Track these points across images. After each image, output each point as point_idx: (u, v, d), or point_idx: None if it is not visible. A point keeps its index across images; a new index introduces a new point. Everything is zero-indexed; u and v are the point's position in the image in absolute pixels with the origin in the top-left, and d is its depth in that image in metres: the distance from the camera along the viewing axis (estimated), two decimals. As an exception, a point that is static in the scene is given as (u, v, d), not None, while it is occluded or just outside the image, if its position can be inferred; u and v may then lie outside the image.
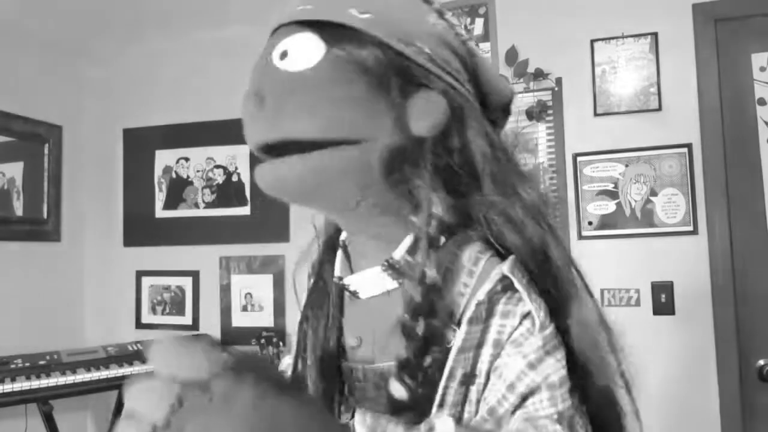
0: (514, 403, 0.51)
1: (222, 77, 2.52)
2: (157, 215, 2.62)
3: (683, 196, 1.96)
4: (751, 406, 1.87)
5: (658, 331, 1.94)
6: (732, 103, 1.94)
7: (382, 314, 0.58)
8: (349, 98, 0.53)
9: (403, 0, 0.59)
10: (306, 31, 0.55)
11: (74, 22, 2.40)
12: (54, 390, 1.96)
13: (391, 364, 0.55)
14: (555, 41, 2.08)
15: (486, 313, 0.53)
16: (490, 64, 0.64)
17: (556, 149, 2.09)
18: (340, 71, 0.53)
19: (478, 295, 0.53)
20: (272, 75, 0.55)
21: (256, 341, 2.23)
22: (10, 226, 2.38)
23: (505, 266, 0.53)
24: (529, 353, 0.51)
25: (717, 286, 1.90)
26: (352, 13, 0.55)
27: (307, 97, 0.53)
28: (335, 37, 0.54)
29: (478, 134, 0.57)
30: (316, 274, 0.68)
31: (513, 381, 0.51)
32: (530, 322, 0.52)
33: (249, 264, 2.48)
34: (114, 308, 2.66)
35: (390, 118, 0.54)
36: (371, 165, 0.54)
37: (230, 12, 2.37)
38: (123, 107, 2.69)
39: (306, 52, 0.54)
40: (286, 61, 0.54)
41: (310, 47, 0.54)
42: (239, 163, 2.52)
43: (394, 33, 0.55)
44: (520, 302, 0.53)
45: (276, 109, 0.54)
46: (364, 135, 0.53)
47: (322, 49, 0.54)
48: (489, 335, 0.52)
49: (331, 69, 0.53)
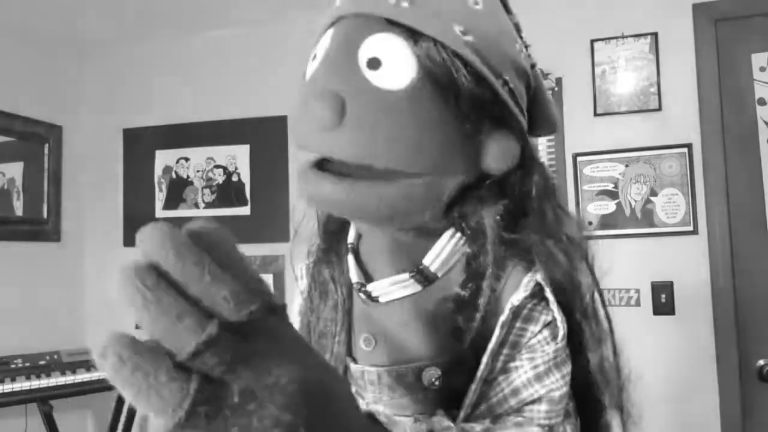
0: (514, 407, 0.52)
1: (222, 77, 2.52)
2: (157, 215, 2.62)
3: (683, 196, 1.95)
4: (751, 406, 1.87)
5: (658, 331, 1.94)
6: (732, 103, 1.94)
7: (400, 317, 0.58)
8: (437, 131, 0.51)
9: (501, 22, 0.55)
10: (396, 34, 0.50)
11: (74, 22, 2.40)
12: (54, 390, 1.96)
13: (410, 365, 0.56)
14: (555, 41, 2.08)
15: (513, 315, 0.54)
16: (548, 94, 0.63)
17: (556, 149, 2.09)
18: (431, 99, 0.50)
19: (513, 301, 0.53)
20: (359, 85, 0.49)
21: (256, 341, 2.23)
22: (10, 226, 2.38)
23: (538, 275, 0.54)
24: (539, 364, 0.53)
25: (717, 286, 1.89)
26: (456, 31, 0.50)
27: (397, 125, 0.49)
28: (428, 54, 0.49)
29: (539, 176, 0.58)
30: (311, 276, 0.67)
31: (518, 387, 0.52)
32: (549, 332, 0.54)
33: (249, 264, 2.48)
34: (114, 308, 2.65)
35: (468, 155, 0.53)
36: (441, 197, 0.54)
37: (230, 12, 2.37)
38: (123, 107, 2.69)
39: (399, 68, 0.49)
40: (378, 73, 0.49)
41: (404, 62, 0.50)
42: (239, 163, 2.52)
43: (487, 61, 0.51)
44: (544, 310, 0.54)
45: (361, 128, 0.49)
46: (442, 170, 0.52)
47: (414, 66, 0.50)
48: (509, 337, 0.54)
49: (422, 95, 0.50)
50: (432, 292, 0.57)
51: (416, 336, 0.56)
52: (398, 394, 0.57)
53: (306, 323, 0.66)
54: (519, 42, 0.57)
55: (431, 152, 0.51)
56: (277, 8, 2.28)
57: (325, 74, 0.51)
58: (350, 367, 0.62)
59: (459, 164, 0.53)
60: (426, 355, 0.56)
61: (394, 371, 0.57)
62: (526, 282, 0.54)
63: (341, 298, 0.63)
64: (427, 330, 0.56)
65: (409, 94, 0.49)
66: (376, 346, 0.59)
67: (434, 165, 0.51)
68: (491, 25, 0.53)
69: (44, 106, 2.53)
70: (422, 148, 0.50)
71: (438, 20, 0.49)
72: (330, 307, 0.63)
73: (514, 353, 0.54)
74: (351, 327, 0.63)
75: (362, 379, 0.60)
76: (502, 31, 0.54)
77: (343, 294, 0.63)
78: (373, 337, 0.60)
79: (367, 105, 0.49)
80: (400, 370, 0.57)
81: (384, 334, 0.59)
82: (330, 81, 0.50)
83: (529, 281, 0.54)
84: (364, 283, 0.59)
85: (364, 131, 0.49)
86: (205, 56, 2.57)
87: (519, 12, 0.61)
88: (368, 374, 0.59)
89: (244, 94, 2.46)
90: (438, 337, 0.56)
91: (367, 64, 0.50)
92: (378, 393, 0.59)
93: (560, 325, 0.53)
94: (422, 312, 0.57)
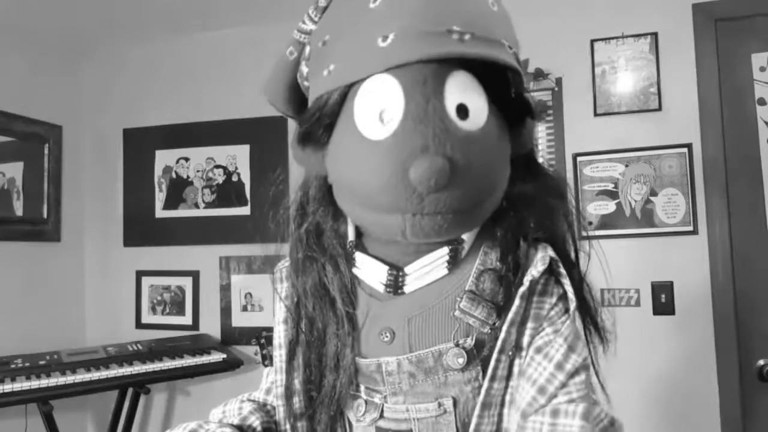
0: (563, 381, 0.55)
1: (222, 77, 2.52)
2: (157, 215, 2.62)
3: (683, 196, 1.96)
4: (751, 406, 1.87)
5: (658, 331, 1.94)
6: (732, 103, 1.94)
7: (423, 303, 0.60)
8: (504, 151, 0.55)
9: (507, 14, 0.56)
10: (468, 72, 0.50)
11: (74, 22, 2.40)
12: (54, 390, 1.96)
13: (432, 349, 0.58)
14: (555, 41, 2.08)
15: (528, 291, 0.57)
16: None
17: (556, 149, 2.09)
18: (497, 124, 0.54)
19: (533, 273, 0.57)
20: (458, 140, 0.49)
21: (255, 341, 2.23)
22: (10, 226, 2.38)
23: (550, 251, 0.59)
24: (567, 335, 0.57)
25: (717, 286, 1.90)
26: (508, 50, 0.52)
27: (486, 163, 0.51)
28: (487, 83, 0.52)
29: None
30: (299, 282, 0.66)
31: (561, 361, 0.56)
32: (562, 304, 0.59)
33: (249, 264, 2.48)
34: (114, 308, 2.66)
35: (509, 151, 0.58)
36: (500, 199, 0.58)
37: (230, 12, 2.37)
38: (123, 107, 2.69)
39: (481, 109, 0.51)
40: (467, 121, 0.49)
41: (482, 103, 0.51)
42: (239, 163, 2.52)
43: (519, 62, 0.54)
44: (556, 284, 0.59)
45: (467, 180, 0.49)
46: (505, 180, 0.56)
47: (485, 103, 0.52)
48: (530, 311, 0.58)
49: (492, 123, 0.53)
50: (454, 277, 0.60)
51: (440, 320, 0.59)
52: (420, 380, 0.59)
53: (295, 331, 0.66)
54: None
55: (503, 174, 0.55)
56: (277, 8, 2.28)
57: (420, 136, 0.48)
58: (360, 363, 0.62)
59: (509, 165, 0.57)
60: (448, 338, 0.58)
61: (414, 357, 0.59)
62: (541, 257, 0.58)
63: (340, 299, 0.63)
64: (450, 312, 0.59)
65: (486, 129, 0.51)
66: (395, 338, 0.60)
67: (503, 181, 0.56)
68: (509, 25, 0.55)
69: (44, 106, 2.53)
70: (499, 174, 0.55)
71: (497, 46, 0.50)
72: (326, 310, 0.63)
73: (538, 326, 0.58)
74: (355, 325, 0.63)
75: (378, 373, 0.61)
76: (512, 25, 0.56)
77: (342, 294, 0.63)
78: (390, 330, 0.61)
79: (468, 157, 0.49)
80: (420, 355, 0.59)
81: (404, 325, 0.60)
82: (428, 141, 0.48)
83: (544, 256, 0.58)
84: (399, 269, 0.60)
85: (468, 182, 0.50)
86: (205, 56, 2.57)
87: (519, 12, 0.61)
88: (387, 365, 0.60)
89: (244, 94, 2.46)
90: (459, 319, 0.58)
91: (456, 114, 0.49)
92: (398, 383, 0.60)
93: (572, 297, 0.58)
94: (446, 295, 0.59)
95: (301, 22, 0.58)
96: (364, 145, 0.50)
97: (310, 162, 0.60)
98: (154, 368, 2.15)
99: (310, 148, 0.58)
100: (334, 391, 0.61)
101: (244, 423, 0.67)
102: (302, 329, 0.65)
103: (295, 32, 0.59)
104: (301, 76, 0.60)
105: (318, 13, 0.57)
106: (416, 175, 0.47)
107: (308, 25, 0.58)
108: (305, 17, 0.58)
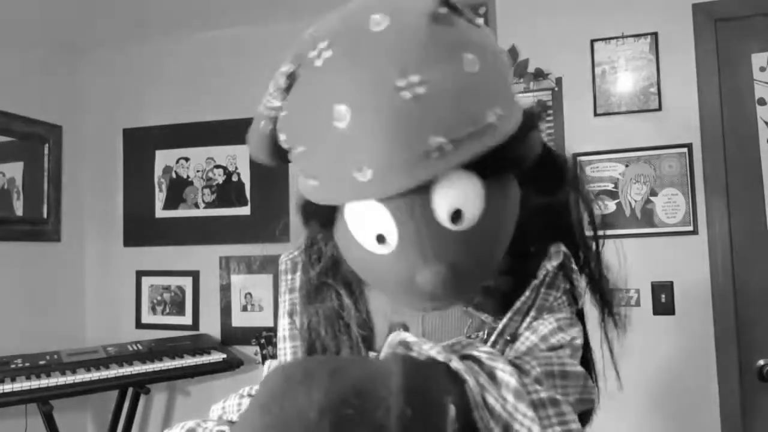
0: (544, 350, 0.58)
1: (222, 77, 2.52)
2: (157, 215, 2.62)
3: (683, 196, 1.95)
4: (751, 406, 1.87)
5: (658, 331, 1.94)
6: (732, 103, 1.94)
7: None
8: (513, 218, 0.54)
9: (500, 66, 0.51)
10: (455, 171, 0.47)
11: (74, 22, 2.40)
12: (54, 390, 1.96)
13: (448, 343, 0.59)
14: (555, 41, 2.08)
15: (539, 283, 0.60)
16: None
17: (556, 149, 2.09)
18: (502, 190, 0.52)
19: (548, 267, 0.59)
20: (454, 241, 0.49)
21: (256, 341, 2.23)
22: (10, 226, 2.38)
23: (562, 246, 0.61)
24: (561, 318, 0.59)
25: (717, 286, 1.89)
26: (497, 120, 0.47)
27: (486, 255, 0.52)
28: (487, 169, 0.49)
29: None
30: (306, 278, 0.67)
31: (546, 335, 0.58)
32: (566, 297, 0.61)
33: (249, 264, 2.48)
34: (114, 308, 2.66)
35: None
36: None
37: (230, 12, 2.37)
38: (123, 107, 2.69)
39: (475, 206, 0.49)
40: (461, 225, 0.48)
41: (472, 199, 0.48)
42: (239, 163, 2.52)
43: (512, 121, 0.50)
44: (564, 278, 0.61)
45: (465, 281, 0.51)
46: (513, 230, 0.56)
47: (478, 194, 0.49)
48: (536, 301, 0.60)
49: (496, 204, 0.50)
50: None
51: (453, 316, 0.61)
52: None
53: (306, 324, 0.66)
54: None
55: (508, 238, 0.54)
56: (277, 8, 2.28)
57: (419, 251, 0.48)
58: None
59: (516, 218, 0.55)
60: (461, 333, 0.60)
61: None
62: (555, 251, 0.60)
63: (356, 325, 0.63)
64: (463, 308, 0.61)
65: (484, 220, 0.49)
66: (409, 332, 0.61)
67: (509, 236, 0.54)
68: (496, 77, 0.49)
69: (44, 106, 2.53)
70: (503, 246, 0.53)
71: (486, 131, 0.46)
72: (340, 334, 0.64)
73: (539, 315, 0.60)
74: (370, 345, 0.64)
75: None
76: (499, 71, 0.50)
77: (359, 320, 0.64)
78: (403, 326, 0.62)
79: (469, 256, 0.49)
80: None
81: (417, 320, 0.62)
82: (428, 255, 0.48)
83: (558, 251, 0.60)
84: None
85: (473, 276, 0.51)
86: (205, 56, 2.57)
87: (520, 12, 0.61)
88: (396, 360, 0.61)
89: (244, 94, 2.44)
90: (472, 315, 0.61)
91: (450, 221, 0.48)
92: None
93: (580, 291, 0.61)
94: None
95: (266, 100, 0.55)
96: (366, 254, 0.51)
97: (315, 233, 0.62)
98: (154, 368, 2.15)
99: (312, 223, 0.57)
100: None
101: None
102: (316, 351, 0.65)
103: (262, 107, 0.55)
104: (282, 140, 0.55)
105: (281, 94, 0.53)
106: (422, 283, 0.49)
107: (276, 102, 0.53)
108: (268, 96, 0.54)
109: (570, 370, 0.55)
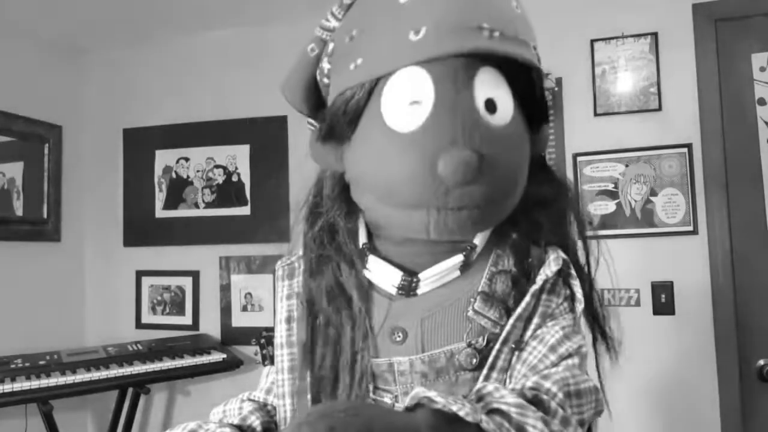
0: (554, 361, 0.57)
1: (222, 77, 2.52)
2: (157, 215, 2.62)
3: (683, 196, 1.96)
4: (751, 406, 1.87)
5: (658, 331, 1.94)
6: (732, 103, 1.94)
7: (435, 304, 0.61)
8: (527, 150, 0.57)
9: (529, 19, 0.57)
10: (496, 69, 0.52)
11: (75, 22, 2.40)
12: (54, 390, 1.96)
13: (444, 349, 0.59)
14: (555, 41, 2.08)
15: (539, 289, 0.59)
16: None
17: (556, 149, 2.09)
18: (523, 129, 0.55)
19: (547, 273, 0.59)
20: (487, 133, 0.50)
21: (256, 341, 2.23)
22: (10, 226, 2.38)
23: (561, 253, 0.61)
24: (566, 326, 0.59)
25: (717, 286, 1.90)
26: (533, 50, 0.55)
27: (514, 159, 0.53)
28: (511, 79, 0.53)
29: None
30: (307, 283, 0.67)
31: (554, 344, 0.58)
32: (567, 304, 0.61)
33: (249, 264, 2.48)
34: (114, 308, 2.66)
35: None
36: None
37: (230, 12, 2.37)
38: (123, 107, 2.69)
39: (507, 105, 0.52)
40: (495, 116, 0.51)
41: (509, 99, 0.53)
42: (239, 163, 2.52)
43: (541, 62, 0.56)
44: (564, 285, 0.61)
45: (495, 174, 0.50)
46: (525, 179, 0.57)
47: (512, 100, 0.53)
48: (538, 308, 0.60)
49: (517, 120, 0.54)
50: (466, 278, 0.61)
51: (452, 320, 0.60)
52: (431, 380, 0.59)
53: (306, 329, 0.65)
54: None
55: (524, 173, 0.56)
56: (277, 8, 2.28)
57: (449, 128, 0.49)
58: (372, 362, 0.62)
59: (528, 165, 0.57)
60: (460, 338, 0.59)
61: (427, 357, 0.59)
62: (554, 258, 0.60)
63: (356, 297, 0.63)
64: (463, 313, 0.60)
65: (512, 125, 0.53)
66: (407, 338, 0.61)
67: (524, 180, 0.56)
68: (531, 27, 0.56)
69: (44, 106, 2.53)
70: (521, 172, 0.55)
71: (524, 45, 0.52)
72: (342, 309, 0.63)
73: (542, 322, 0.59)
74: (371, 324, 0.63)
75: (389, 372, 0.61)
76: (532, 27, 0.57)
77: (359, 292, 0.63)
78: (403, 330, 0.61)
79: (496, 152, 0.50)
80: (433, 355, 0.59)
81: (416, 325, 0.61)
82: (458, 133, 0.48)
83: (557, 257, 0.60)
84: (413, 274, 0.60)
85: (495, 177, 0.51)
86: (205, 56, 2.57)
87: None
88: (399, 365, 0.60)
89: (244, 94, 2.46)
90: (472, 320, 0.60)
91: (485, 108, 0.50)
92: (409, 383, 0.60)
93: (580, 297, 0.60)
94: (459, 297, 0.60)
95: (324, 20, 0.58)
96: (391, 137, 0.51)
97: (328, 159, 0.61)
98: (154, 368, 2.15)
99: (330, 144, 0.59)
100: (350, 391, 0.61)
101: (244, 423, 0.67)
102: (318, 329, 0.64)
103: (317, 29, 0.59)
104: (322, 73, 0.59)
105: (342, 11, 0.57)
106: (445, 167, 0.47)
107: (332, 23, 0.58)
108: (329, 14, 0.58)
109: (583, 387, 0.55)
